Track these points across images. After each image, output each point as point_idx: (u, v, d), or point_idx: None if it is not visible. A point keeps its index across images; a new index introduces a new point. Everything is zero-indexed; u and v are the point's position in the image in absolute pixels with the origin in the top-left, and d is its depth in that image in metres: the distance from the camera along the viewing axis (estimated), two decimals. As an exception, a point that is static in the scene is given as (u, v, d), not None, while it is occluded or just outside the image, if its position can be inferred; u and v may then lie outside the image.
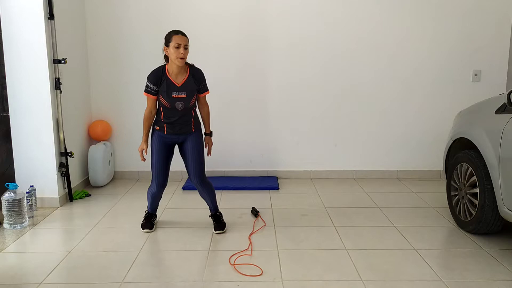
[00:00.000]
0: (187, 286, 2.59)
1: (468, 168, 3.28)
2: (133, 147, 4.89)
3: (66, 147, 4.05)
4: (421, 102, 4.82)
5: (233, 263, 2.84)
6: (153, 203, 3.47)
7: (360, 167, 4.96)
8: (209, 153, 3.45)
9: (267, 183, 4.62)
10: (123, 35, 4.70)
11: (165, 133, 3.23)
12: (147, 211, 3.52)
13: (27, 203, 3.65)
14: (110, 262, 2.89)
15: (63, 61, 3.90)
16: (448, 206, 3.64)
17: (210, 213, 3.50)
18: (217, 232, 3.35)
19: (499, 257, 2.92)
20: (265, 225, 3.51)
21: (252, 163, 4.93)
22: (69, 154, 4.06)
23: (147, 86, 3.18)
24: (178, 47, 3.06)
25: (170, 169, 3.35)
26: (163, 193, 3.43)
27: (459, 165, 3.41)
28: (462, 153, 3.39)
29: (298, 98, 4.82)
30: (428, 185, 4.62)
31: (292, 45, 4.74)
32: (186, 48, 3.09)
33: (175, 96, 3.14)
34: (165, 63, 3.23)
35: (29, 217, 3.63)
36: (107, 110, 4.82)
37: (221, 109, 4.80)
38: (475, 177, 3.18)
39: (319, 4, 4.66)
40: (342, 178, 4.92)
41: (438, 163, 4.76)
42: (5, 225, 3.47)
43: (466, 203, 3.31)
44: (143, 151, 3.28)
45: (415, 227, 3.46)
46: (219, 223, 3.41)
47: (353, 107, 4.83)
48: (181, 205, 4.08)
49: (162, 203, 4.04)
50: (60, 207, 3.97)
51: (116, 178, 4.90)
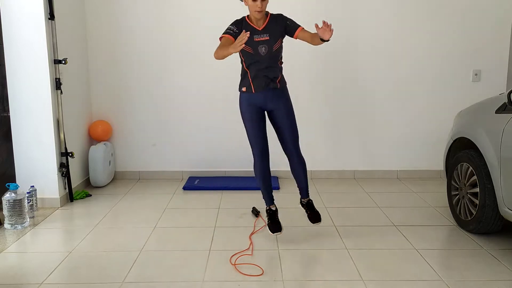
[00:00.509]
0: (188, 286, 2.59)
1: (468, 167, 3.28)
2: (133, 147, 4.90)
3: (66, 147, 4.05)
4: (421, 102, 4.82)
5: (234, 263, 2.84)
6: (266, 187, 3.16)
7: (360, 167, 4.96)
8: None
9: (268, 183, 4.61)
10: (124, 35, 4.70)
11: (253, 91, 3.06)
12: (267, 207, 3.21)
13: (28, 203, 3.65)
14: (110, 262, 2.90)
15: (63, 61, 3.90)
16: (448, 205, 3.64)
17: (301, 199, 3.25)
18: (315, 224, 3.12)
19: (500, 257, 2.92)
20: (265, 225, 3.51)
21: (252, 163, 4.91)
22: (70, 154, 4.06)
23: (227, 28, 3.04)
24: (255, 0, 2.94)
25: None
26: (163, 193, 3.42)
27: (459, 165, 3.42)
28: (462, 152, 3.40)
29: (298, 98, 4.80)
30: (428, 185, 4.63)
31: (290, 45, 4.73)
32: (264, 0, 2.94)
33: (257, 39, 3.00)
34: (243, 16, 3.12)
35: (30, 217, 3.63)
36: (107, 110, 4.82)
37: (221, 109, 4.81)
38: (475, 177, 3.18)
39: (318, 4, 4.67)
40: (342, 178, 4.92)
41: (438, 163, 4.75)
42: (6, 225, 3.48)
43: (466, 203, 3.31)
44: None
45: (416, 227, 3.47)
46: (314, 212, 3.16)
47: (353, 107, 4.83)
48: (182, 205, 4.08)
49: (162, 204, 4.05)
50: (60, 207, 3.97)
51: (116, 178, 4.91)
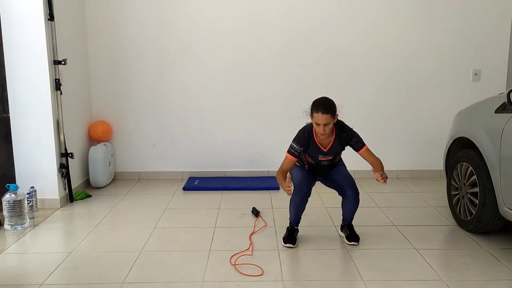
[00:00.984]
0: (188, 286, 2.59)
1: (468, 167, 3.28)
2: (133, 148, 4.90)
3: (66, 148, 4.05)
4: (421, 101, 4.82)
5: (234, 263, 2.84)
6: (297, 215, 3.19)
7: (360, 167, 4.93)
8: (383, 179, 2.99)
9: (268, 183, 4.62)
10: (123, 36, 4.70)
11: (306, 168, 3.20)
12: (290, 226, 3.24)
13: (28, 204, 3.65)
14: (111, 262, 2.90)
15: (63, 62, 3.90)
16: (448, 205, 3.64)
17: (342, 223, 3.27)
18: (352, 243, 3.13)
19: (500, 256, 2.92)
20: (265, 225, 3.51)
21: (252, 163, 4.93)
22: (70, 155, 4.06)
23: (291, 147, 3.02)
24: (318, 125, 2.91)
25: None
26: (163, 193, 3.42)
27: (459, 165, 3.42)
28: (462, 152, 3.40)
29: (298, 98, 4.82)
30: (428, 185, 4.63)
31: (291, 46, 4.75)
32: (326, 125, 2.88)
33: (321, 158, 3.08)
34: (311, 123, 3.02)
35: (30, 218, 3.63)
36: (107, 111, 4.82)
37: (221, 109, 4.81)
38: (475, 176, 3.18)
39: (317, 4, 4.67)
40: (342, 178, 4.91)
41: (438, 163, 4.74)
42: (6, 226, 3.48)
43: (466, 203, 3.31)
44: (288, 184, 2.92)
45: (416, 227, 3.47)
46: (353, 233, 3.20)
47: (352, 107, 4.82)
48: (182, 205, 4.08)
49: (162, 204, 4.05)
50: (60, 208, 3.97)
51: (116, 179, 4.91)
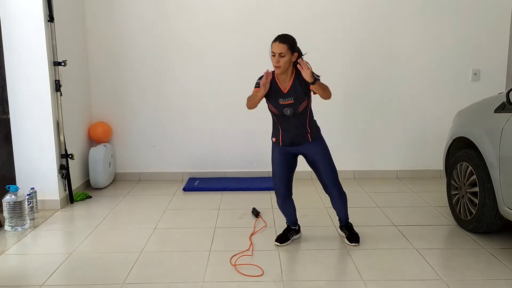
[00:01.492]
0: (188, 287, 2.59)
1: (468, 167, 3.28)
2: (133, 149, 4.90)
3: (66, 149, 4.05)
4: (421, 101, 4.83)
5: (234, 264, 2.84)
6: (287, 216, 3.24)
7: (360, 167, 4.96)
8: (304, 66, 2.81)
9: (268, 183, 4.61)
10: (123, 37, 4.70)
11: (281, 145, 3.07)
12: (287, 224, 3.29)
13: (28, 205, 3.65)
14: (111, 263, 2.90)
15: (63, 63, 3.90)
16: (448, 205, 3.64)
17: (340, 225, 3.27)
18: (352, 244, 3.12)
19: (500, 256, 2.92)
20: (265, 226, 3.52)
21: (252, 164, 4.93)
22: (70, 156, 4.06)
23: (256, 82, 3.00)
24: (273, 55, 2.89)
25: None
26: (164, 194, 3.42)
27: (459, 164, 3.42)
28: (462, 152, 3.40)
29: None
30: (428, 185, 4.63)
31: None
32: (282, 56, 2.85)
33: (282, 102, 2.97)
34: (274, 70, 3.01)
35: (30, 219, 3.63)
36: (107, 111, 4.83)
37: (221, 110, 4.81)
38: (475, 176, 3.18)
39: (317, 4, 4.67)
40: (342, 178, 4.78)
41: (438, 163, 4.74)
42: (6, 227, 3.48)
43: (466, 202, 3.31)
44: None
45: (416, 227, 3.47)
46: (352, 233, 3.19)
47: (352, 107, 4.83)
48: (182, 206, 4.08)
49: (162, 205, 4.06)
50: (61, 209, 3.97)
51: (116, 179, 4.91)
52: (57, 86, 3.91)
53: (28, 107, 3.84)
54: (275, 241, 3.18)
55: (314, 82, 2.82)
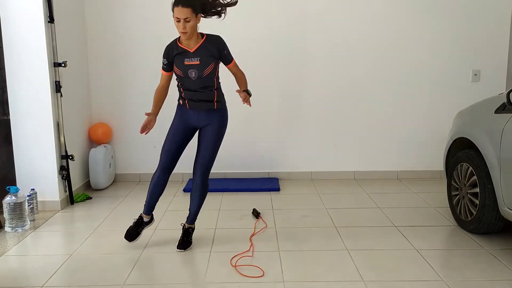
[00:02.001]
0: None
1: (468, 167, 3.28)
2: (134, 150, 4.90)
3: (66, 150, 4.05)
4: (421, 102, 4.83)
5: (234, 265, 2.84)
6: (152, 195, 3.11)
7: (360, 168, 4.96)
8: (246, 101, 3.07)
9: (268, 184, 4.62)
10: (123, 37, 4.70)
11: (188, 107, 2.96)
12: (141, 214, 3.19)
13: (28, 206, 3.65)
14: (111, 264, 2.90)
15: (63, 64, 3.90)
16: (448, 206, 3.64)
17: (184, 222, 3.18)
18: (178, 250, 3.04)
19: (500, 257, 2.92)
20: (266, 227, 3.51)
21: (252, 165, 4.93)
22: (70, 157, 4.06)
23: (162, 62, 2.97)
24: (178, 21, 2.74)
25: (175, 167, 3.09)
26: (164, 195, 3.40)
27: (459, 165, 3.42)
28: (462, 152, 3.40)
29: (298, 99, 4.83)
30: (428, 185, 4.63)
31: (292, 47, 4.75)
32: (188, 21, 2.72)
33: (187, 63, 2.84)
34: (176, 38, 2.95)
35: (30, 220, 3.63)
36: (107, 112, 4.83)
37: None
38: (475, 177, 3.18)
39: (317, 4, 4.67)
40: (342, 178, 4.92)
41: (438, 163, 4.74)
42: (7, 228, 3.48)
43: (466, 203, 3.31)
44: (147, 123, 2.97)
45: (416, 227, 3.47)
46: (185, 241, 3.08)
47: (353, 108, 4.83)
48: (182, 207, 4.06)
49: (163, 206, 4.05)
50: (61, 210, 3.97)
51: (117, 180, 4.91)
52: (57, 87, 3.91)
53: (28, 108, 3.84)
54: (125, 237, 3.10)
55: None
